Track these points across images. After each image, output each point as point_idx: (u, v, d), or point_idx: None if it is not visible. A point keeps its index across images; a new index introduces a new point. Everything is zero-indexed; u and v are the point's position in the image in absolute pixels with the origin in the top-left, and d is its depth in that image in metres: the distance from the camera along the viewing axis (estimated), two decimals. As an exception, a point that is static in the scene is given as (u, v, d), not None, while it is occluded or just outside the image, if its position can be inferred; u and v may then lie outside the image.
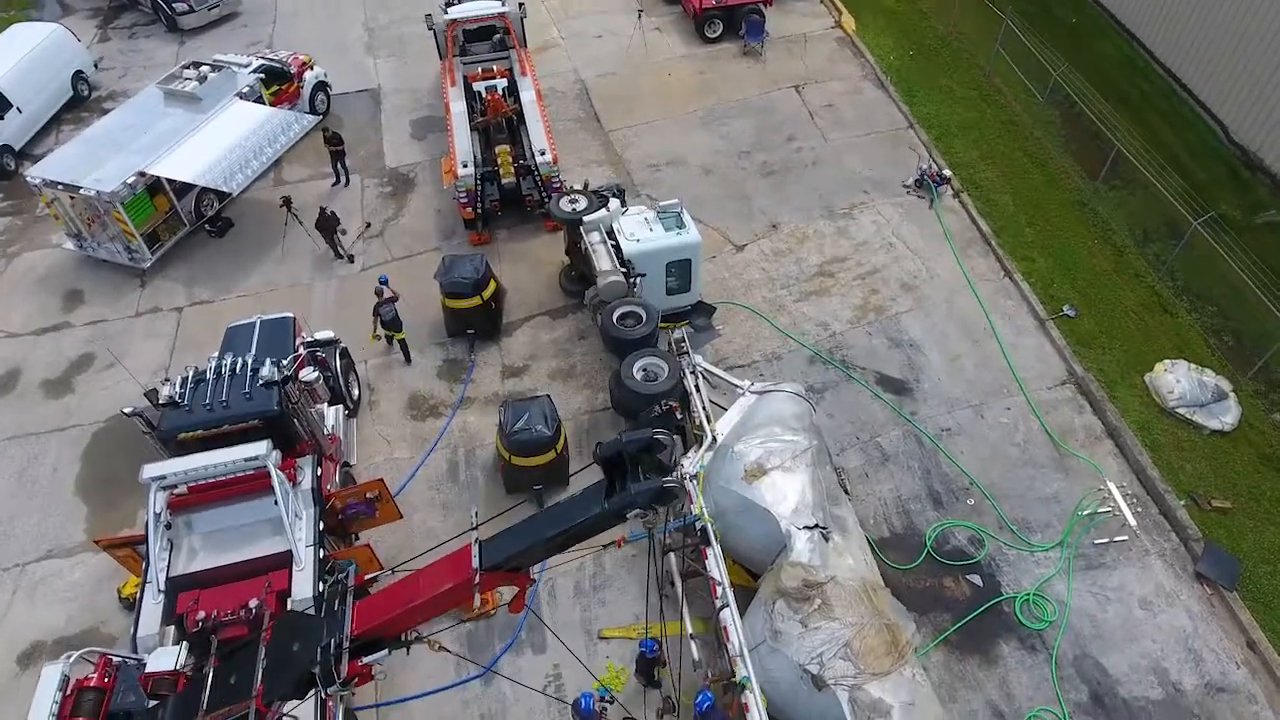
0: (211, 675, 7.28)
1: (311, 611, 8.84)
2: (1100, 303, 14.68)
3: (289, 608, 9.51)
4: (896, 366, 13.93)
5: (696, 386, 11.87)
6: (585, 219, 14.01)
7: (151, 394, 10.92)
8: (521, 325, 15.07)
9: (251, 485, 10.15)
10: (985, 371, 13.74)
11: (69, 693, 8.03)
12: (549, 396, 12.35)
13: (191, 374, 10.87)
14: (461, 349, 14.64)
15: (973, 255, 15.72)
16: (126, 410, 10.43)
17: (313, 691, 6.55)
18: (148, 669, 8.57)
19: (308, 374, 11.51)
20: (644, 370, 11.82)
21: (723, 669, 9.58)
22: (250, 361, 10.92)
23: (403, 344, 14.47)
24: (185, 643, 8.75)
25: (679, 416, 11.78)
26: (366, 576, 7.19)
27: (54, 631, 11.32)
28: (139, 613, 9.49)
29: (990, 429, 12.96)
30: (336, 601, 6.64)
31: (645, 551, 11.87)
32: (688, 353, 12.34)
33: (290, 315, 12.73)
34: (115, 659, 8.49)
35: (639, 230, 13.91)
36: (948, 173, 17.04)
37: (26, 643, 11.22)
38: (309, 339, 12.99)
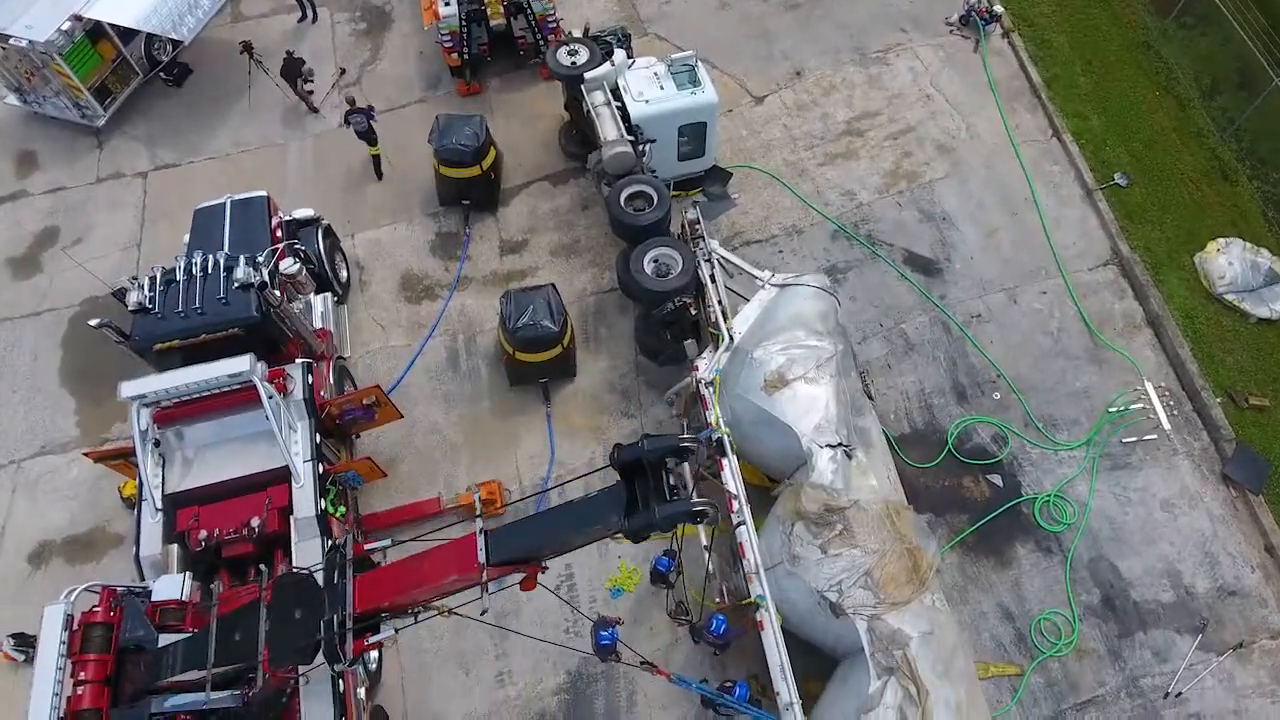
0: (215, 629, 7.05)
1: (317, 548, 8.58)
2: (1155, 168, 13.34)
3: (292, 527, 9.27)
4: (927, 243, 12.87)
5: (712, 276, 10.92)
6: (587, 76, 12.35)
7: (119, 294, 10.01)
8: (519, 193, 13.81)
9: (242, 397, 9.52)
10: (1023, 249, 12.71)
11: (75, 628, 7.84)
12: (553, 286, 11.44)
13: (160, 274, 9.92)
14: (455, 220, 13.51)
15: (1019, 110, 14.11)
16: (93, 322, 9.60)
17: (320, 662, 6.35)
18: (154, 598, 8.40)
19: (288, 266, 10.55)
20: (655, 262, 10.81)
21: (737, 585, 9.47)
22: (223, 260, 9.93)
23: (375, 159, 13.63)
24: (189, 573, 8.52)
25: (693, 312, 10.98)
26: (366, 548, 6.77)
27: (60, 530, 11.20)
28: (139, 534, 9.23)
29: (1023, 315, 12.16)
30: (336, 574, 6.28)
31: (656, 448, 11.54)
32: (703, 237, 11.27)
33: (263, 194, 11.51)
34: (119, 590, 8.26)
35: (648, 89, 12.31)
36: (998, 8, 14.94)
37: (34, 542, 11.14)
38: (287, 218, 11.85)
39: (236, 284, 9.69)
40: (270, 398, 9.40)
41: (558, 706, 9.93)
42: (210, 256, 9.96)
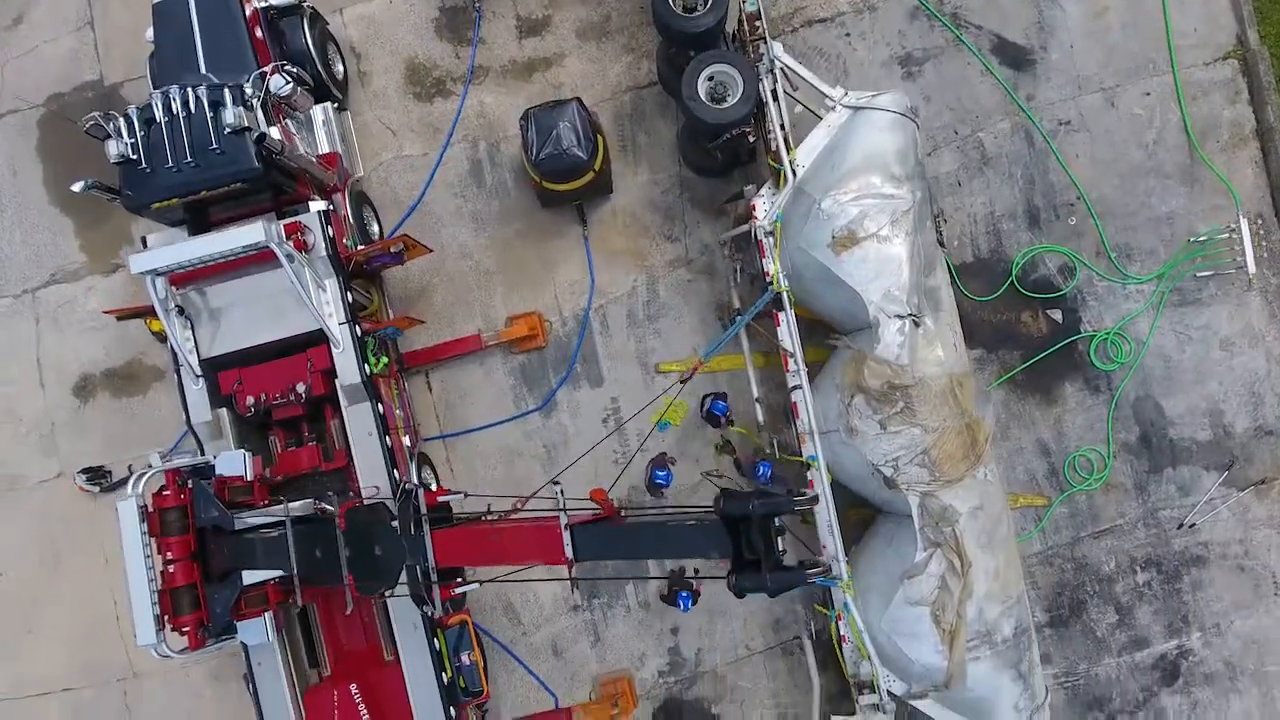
0: (294, 543, 7.23)
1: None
2: (1317, -80, 10.85)
3: (340, 393, 9.12)
4: (1021, 26, 10.91)
5: (774, 92, 9.41)
6: None
7: (95, 130, 8.71)
8: (534, -50, 11.40)
9: (261, 255, 8.76)
10: (1133, 36, 10.81)
11: (151, 511, 8.08)
12: (579, 101, 9.91)
13: (137, 116, 8.52)
14: (462, -11, 11.33)
15: None
16: (76, 187, 8.48)
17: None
18: (218, 472, 8.55)
19: (279, 86, 9.03)
20: (711, 80, 9.21)
21: (788, 440, 9.60)
22: (206, 95, 8.46)
23: None
24: (247, 451, 8.56)
25: (750, 140, 9.67)
26: (439, 499, 6.56)
27: (97, 363, 11.07)
28: (184, 400, 9.12)
29: (1119, 123, 10.74)
30: (411, 526, 6.22)
31: (702, 276, 11.07)
32: (764, 37, 9.51)
33: (229, -18, 9.48)
34: (184, 469, 8.38)
35: None
36: None
37: (75, 375, 11.06)
38: (261, 4, 9.90)
39: (228, 129, 8.38)
40: (291, 260, 8.65)
41: (610, 532, 10.65)
42: (190, 91, 8.47)
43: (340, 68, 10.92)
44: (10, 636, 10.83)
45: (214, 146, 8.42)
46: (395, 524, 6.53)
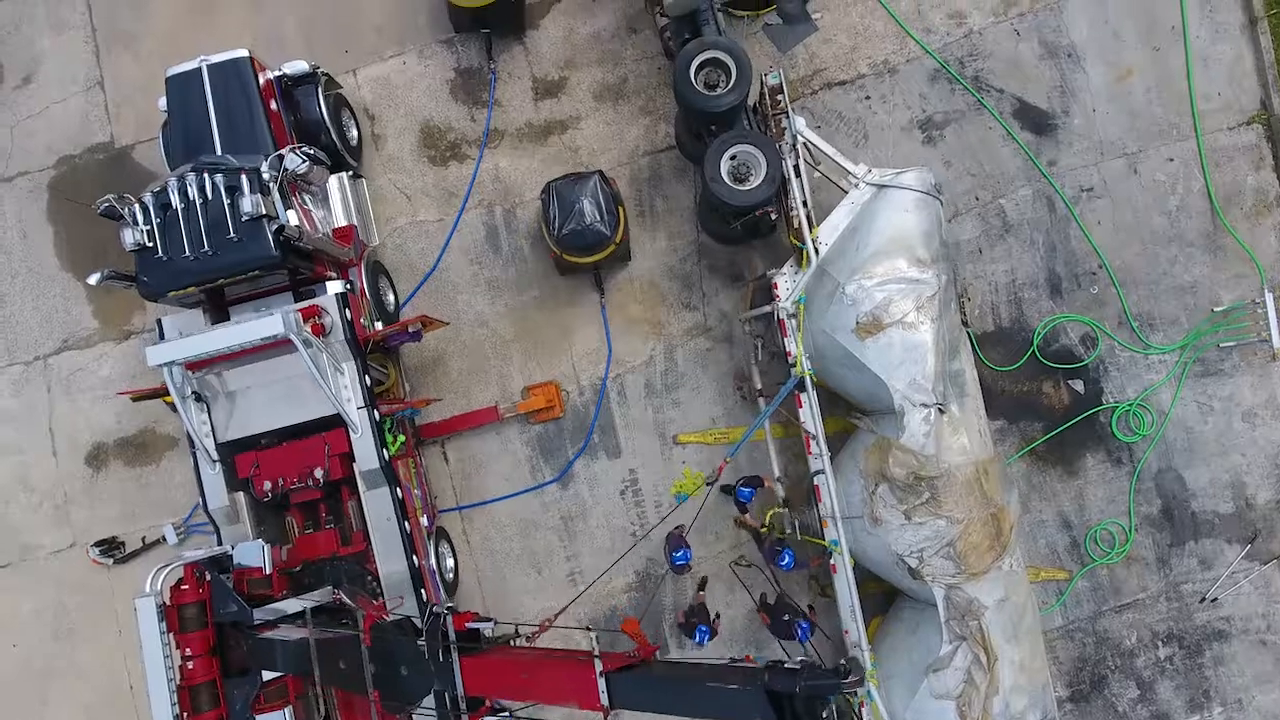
0: (317, 651, 7.16)
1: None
2: (1344, -16, 10.71)
3: (358, 477, 9.03)
4: (1043, 89, 10.79)
5: (796, 168, 9.32)
6: None
7: (109, 212, 8.60)
8: (549, 10, 11.23)
9: (279, 342, 8.66)
10: (1156, 100, 10.69)
11: (170, 605, 8.00)
12: (601, 174, 9.81)
13: (153, 201, 8.41)
14: (475, 51, 11.16)
15: (1187, -111, 10.91)
16: (92, 280, 8.41)
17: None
18: (236, 561, 8.47)
19: (295, 164, 8.90)
20: (733, 160, 9.09)
21: (810, 523, 9.50)
22: (223, 179, 8.35)
23: None
24: (265, 543, 8.47)
25: (773, 218, 9.56)
26: (467, 625, 6.46)
27: (110, 432, 10.96)
28: (201, 487, 9.02)
29: (1142, 189, 10.64)
30: (441, 653, 6.14)
31: (721, 344, 10.98)
32: (787, 112, 9.40)
33: (244, 54, 9.35)
34: (202, 563, 8.28)
35: (718, -115, 9.36)
36: None
37: (88, 444, 10.96)
38: (275, 73, 9.79)
39: (246, 217, 8.28)
40: (309, 346, 8.54)
41: (628, 603, 10.58)
42: (206, 177, 8.36)
43: (354, 133, 10.77)
44: (25, 708, 10.77)
45: (231, 235, 8.32)
46: (422, 644, 6.48)
